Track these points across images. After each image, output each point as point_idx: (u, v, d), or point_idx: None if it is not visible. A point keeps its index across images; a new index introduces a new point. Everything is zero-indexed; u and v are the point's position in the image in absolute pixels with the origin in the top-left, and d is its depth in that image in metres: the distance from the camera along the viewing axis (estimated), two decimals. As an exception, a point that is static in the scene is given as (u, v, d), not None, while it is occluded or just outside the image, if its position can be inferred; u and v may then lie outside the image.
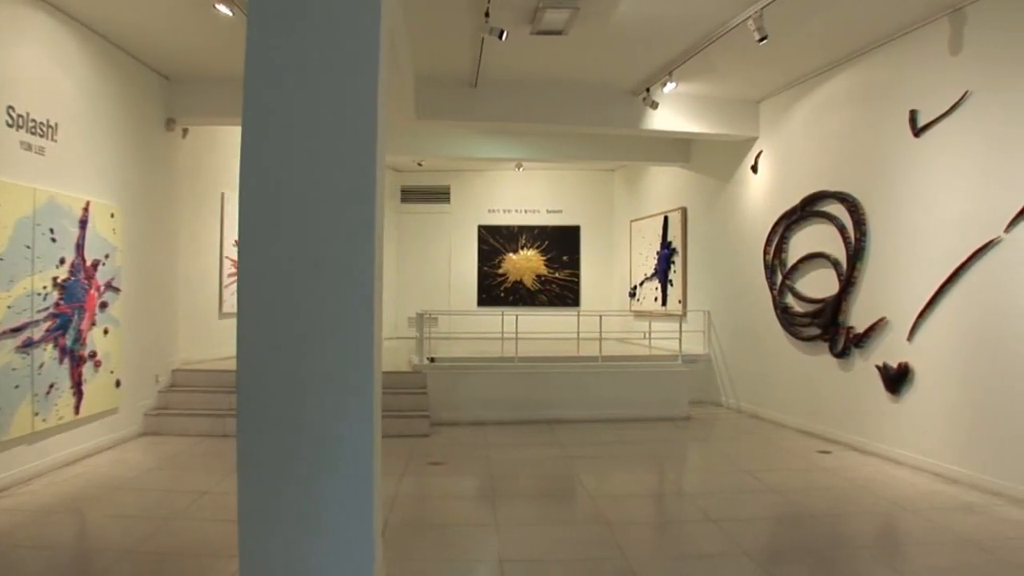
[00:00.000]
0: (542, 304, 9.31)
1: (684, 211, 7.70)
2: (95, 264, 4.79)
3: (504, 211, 9.68)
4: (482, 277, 9.63)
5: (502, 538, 3.32)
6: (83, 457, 4.66)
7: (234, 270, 6.72)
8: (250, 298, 2.49)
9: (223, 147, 6.61)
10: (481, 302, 9.43)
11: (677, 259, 7.76)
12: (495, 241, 9.65)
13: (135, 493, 4.02)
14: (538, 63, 5.48)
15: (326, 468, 2.49)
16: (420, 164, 9.13)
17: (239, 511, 2.48)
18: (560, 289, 9.62)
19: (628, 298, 9.01)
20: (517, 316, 6.42)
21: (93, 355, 4.77)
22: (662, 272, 8.03)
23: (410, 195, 9.74)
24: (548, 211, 9.64)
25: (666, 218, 7.99)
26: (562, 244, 9.65)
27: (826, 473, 4.46)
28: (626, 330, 8.66)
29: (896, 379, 4.65)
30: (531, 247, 9.60)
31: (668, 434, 5.70)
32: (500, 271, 9.62)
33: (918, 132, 4.56)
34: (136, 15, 4.52)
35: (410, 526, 3.55)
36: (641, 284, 8.61)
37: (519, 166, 8.94)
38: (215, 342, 6.46)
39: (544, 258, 9.61)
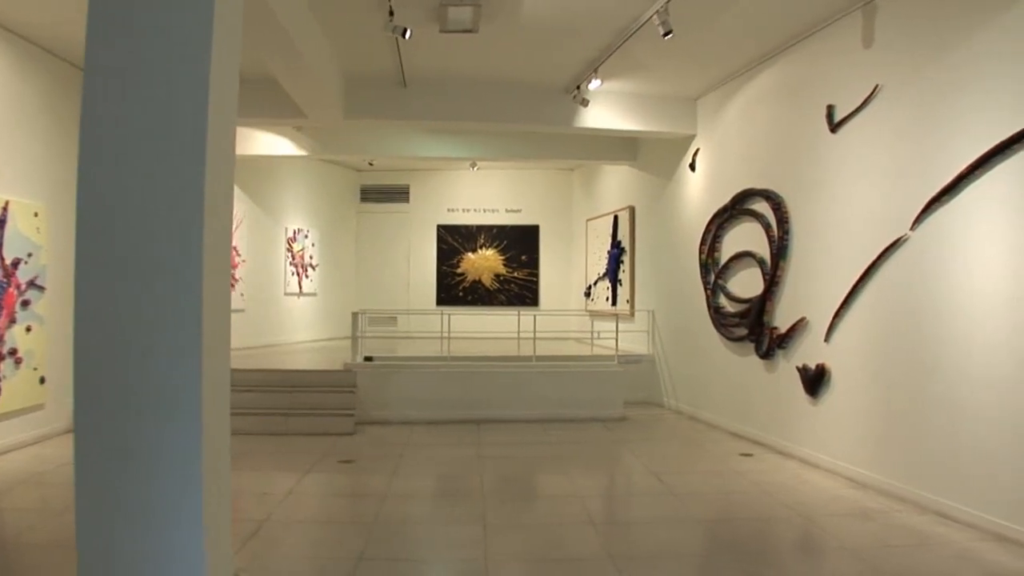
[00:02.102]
0: (500, 304, 9.27)
1: (632, 210, 7.61)
2: (15, 263, 4.86)
3: (463, 210, 9.66)
4: (441, 276, 9.61)
5: (374, 536, 3.30)
6: (2, 452, 4.72)
7: (176, 268, 6.77)
8: (83, 297, 2.51)
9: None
10: (440, 301, 9.41)
11: (626, 258, 7.68)
12: (454, 240, 9.63)
13: (41, 487, 4.07)
14: (467, 61, 5.45)
15: (152, 465, 2.51)
16: (371, 164, 9.14)
17: (76, 505, 2.51)
18: (519, 289, 9.57)
19: (584, 298, 8.94)
20: (449, 315, 6.40)
21: (13, 352, 4.84)
22: (612, 272, 7.95)
23: (369, 195, 9.75)
24: (507, 210, 9.60)
25: (616, 217, 7.91)
26: (521, 243, 9.59)
27: (737, 476, 4.38)
28: (583, 330, 8.59)
29: (814, 381, 4.55)
30: (490, 246, 9.56)
31: (595, 435, 5.63)
32: (459, 270, 9.60)
33: (834, 128, 4.45)
34: (57, 16, 4.57)
35: (289, 522, 3.54)
36: (595, 283, 8.53)
37: (474, 165, 8.92)
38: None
39: (503, 257, 9.57)
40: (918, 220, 3.77)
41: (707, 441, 5.42)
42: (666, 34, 4.22)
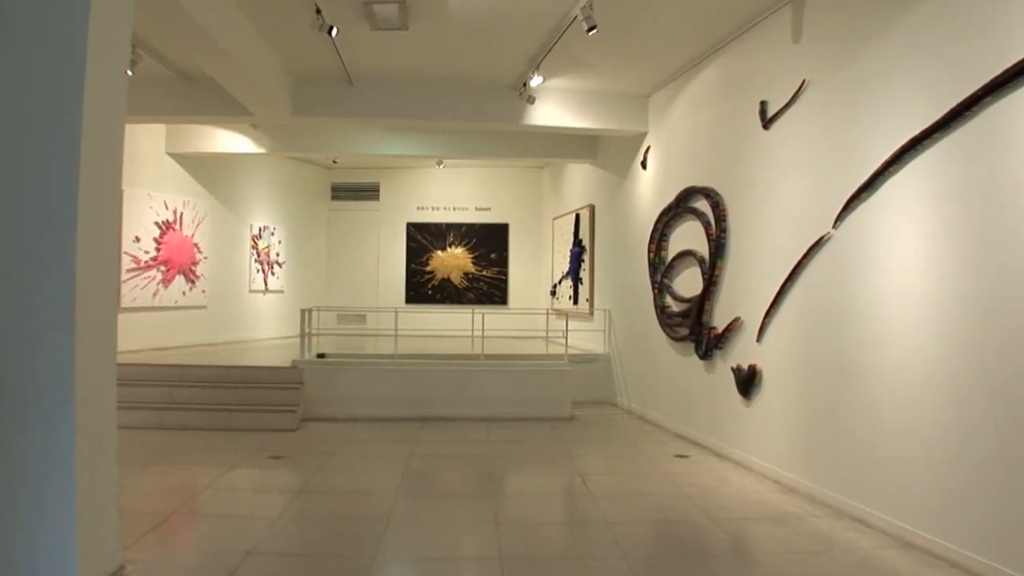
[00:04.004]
0: (469, 302, 9.23)
1: (592, 208, 7.55)
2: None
3: (433, 208, 9.65)
4: (410, 274, 9.60)
5: (273, 531, 3.30)
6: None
7: (133, 265, 6.85)
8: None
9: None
10: (409, 299, 9.41)
11: (587, 257, 7.61)
12: (423, 238, 9.62)
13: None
14: (412, 59, 5.43)
15: (18, 461, 2.52)
16: (335, 161, 9.16)
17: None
18: (488, 287, 9.53)
19: (550, 296, 8.88)
20: (397, 312, 6.40)
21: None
22: (573, 271, 7.89)
23: (340, 192, 9.78)
24: (477, 208, 9.56)
25: (577, 216, 7.85)
26: (490, 242, 9.55)
27: (663, 478, 4.31)
28: (553, 328, 8.53)
29: (746, 382, 4.47)
30: (459, 245, 9.54)
31: (538, 435, 5.58)
32: (428, 268, 9.60)
33: (767, 124, 4.37)
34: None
35: (195, 516, 3.57)
36: (560, 282, 8.48)
37: (440, 163, 8.90)
38: (113, 335, 6.58)
39: (472, 256, 9.54)
40: (839, 218, 3.69)
41: (648, 442, 5.35)
42: (590, 29, 4.17)
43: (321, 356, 6.34)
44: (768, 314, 4.28)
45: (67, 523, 2.56)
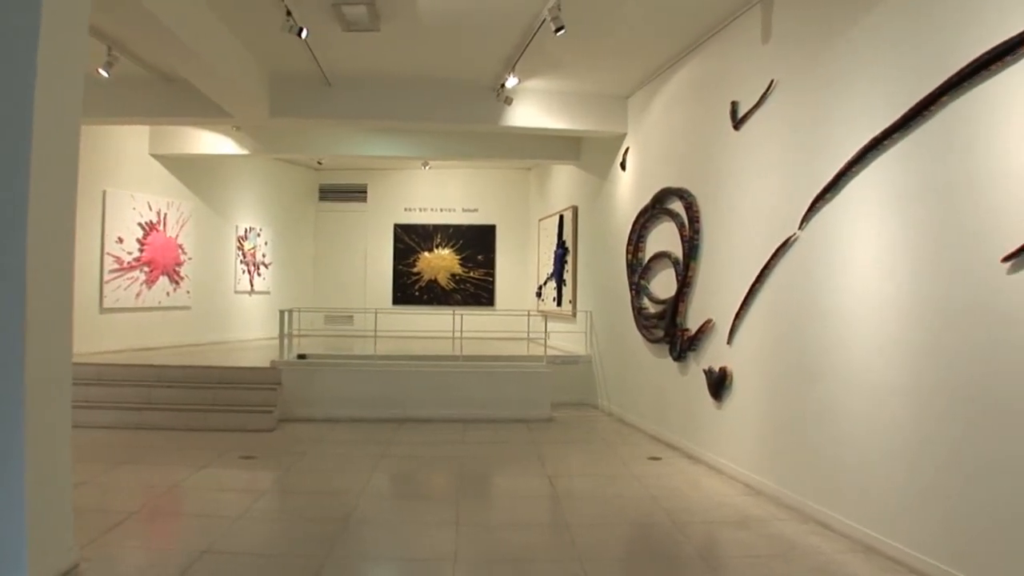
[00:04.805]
0: (456, 303, 9.21)
1: (575, 209, 7.53)
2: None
3: (420, 209, 9.66)
4: (397, 276, 9.61)
5: (232, 530, 3.30)
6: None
7: (116, 266, 6.88)
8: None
9: (105, 146, 6.77)
10: (396, 300, 9.43)
11: (570, 258, 7.59)
12: (410, 240, 9.63)
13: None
14: (388, 61, 5.43)
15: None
16: (320, 163, 9.19)
17: None
18: (475, 288, 9.53)
19: (535, 298, 8.86)
20: (377, 313, 6.40)
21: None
22: (557, 272, 7.88)
23: (328, 193, 9.81)
24: (464, 210, 9.57)
25: (561, 217, 7.84)
26: (477, 243, 9.55)
27: (632, 480, 4.28)
28: (537, 330, 8.51)
29: (717, 384, 4.44)
30: (446, 246, 9.55)
31: (514, 436, 5.56)
32: (415, 270, 9.60)
33: (737, 124, 4.35)
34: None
35: (157, 515, 3.58)
36: (545, 283, 8.47)
37: (425, 164, 8.91)
38: (96, 336, 6.60)
39: (459, 257, 9.54)
40: (805, 219, 3.66)
41: (623, 444, 5.32)
42: (558, 30, 4.17)
43: (302, 357, 6.36)
44: (738, 316, 4.25)
45: (17, 522, 2.57)
